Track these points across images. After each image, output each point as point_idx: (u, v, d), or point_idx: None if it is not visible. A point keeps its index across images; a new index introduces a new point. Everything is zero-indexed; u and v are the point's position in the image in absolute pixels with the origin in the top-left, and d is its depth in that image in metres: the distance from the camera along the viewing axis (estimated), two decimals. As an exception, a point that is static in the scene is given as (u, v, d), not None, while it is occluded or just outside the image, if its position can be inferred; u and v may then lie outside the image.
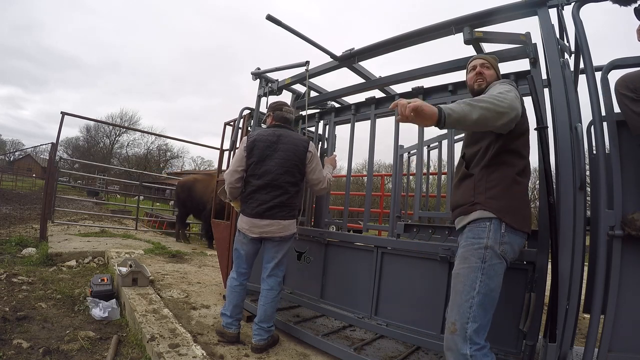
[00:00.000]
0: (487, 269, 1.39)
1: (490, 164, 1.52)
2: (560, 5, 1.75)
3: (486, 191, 1.49)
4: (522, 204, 1.50)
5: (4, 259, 4.12)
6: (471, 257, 1.43)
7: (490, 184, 1.49)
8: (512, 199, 1.47)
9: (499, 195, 1.46)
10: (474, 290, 1.38)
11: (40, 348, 2.07)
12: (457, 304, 1.40)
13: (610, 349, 1.48)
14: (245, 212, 2.31)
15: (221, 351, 2.18)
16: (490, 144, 1.52)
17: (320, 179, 2.36)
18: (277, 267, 2.32)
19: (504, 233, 1.43)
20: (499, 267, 1.42)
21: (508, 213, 1.45)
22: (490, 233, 1.43)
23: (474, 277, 1.39)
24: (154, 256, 4.93)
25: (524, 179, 1.53)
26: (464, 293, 1.39)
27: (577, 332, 1.94)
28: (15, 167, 31.72)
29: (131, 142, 37.27)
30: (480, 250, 1.42)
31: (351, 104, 3.02)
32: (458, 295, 1.41)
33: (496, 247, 1.41)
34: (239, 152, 2.36)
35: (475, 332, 1.35)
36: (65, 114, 5.92)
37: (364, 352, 2.08)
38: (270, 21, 2.33)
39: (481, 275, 1.39)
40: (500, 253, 1.41)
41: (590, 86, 1.60)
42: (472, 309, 1.36)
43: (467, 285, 1.40)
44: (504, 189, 1.47)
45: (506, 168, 1.49)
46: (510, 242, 1.44)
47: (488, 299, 1.39)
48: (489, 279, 1.39)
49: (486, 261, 1.40)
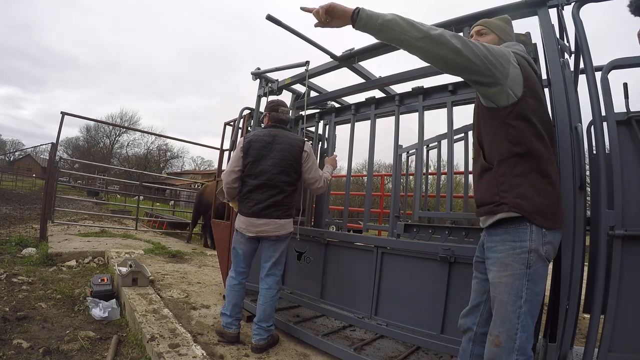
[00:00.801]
0: (533, 274, 1.27)
1: (513, 154, 1.32)
2: (560, 5, 1.74)
3: (512, 188, 1.31)
4: (554, 199, 1.33)
5: (4, 259, 4.12)
6: (514, 263, 1.28)
7: (516, 180, 1.31)
8: (544, 195, 1.30)
9: (528, 194, 1.29)
10: (520, 300, 1.26)
11: (40, 348, 2.07)
12: (502, 316, 1.29)
13: (610, 349, 1.48)
14: (242, 212, 2.33)
15: (221, 351, 2.18)
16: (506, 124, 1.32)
17: (317, 178, 2.38)
18: (275, 266, 2.33)
19: (545, 232, 1.28)
20: (544, 269, 1.30)
21: (540, 213, 1.28)
22: (532, 235, 1.28)
23: (519, 285, 1.26)
24: (154, 256, 4.93)
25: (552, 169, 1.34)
26: (510, 304, 1.27)
27: (577, 332, 1.94)
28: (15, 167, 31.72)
29: (131, 142, 37.33)
30: (523, 254, 1.27)
31: (351, 104, 3.02)
32: (502, 307, 1.29)
33: (540, 250, 1.27)
34: (235, 153, 2.39)
35: (526, 341, 1.26)
36: (65, 114, 5.91)
37: (364, 352, 2.08)
38: (270, 21, 2.33)
39: (527, 282, 1.26)
40: (544, 255, 1.28)
41: (590, 86, 1.60)
42: (520, 319, 1.26)
43: (512, 294, 1.27)
44: (533, 185, 1.30)
45: (531, 158, 1.31)
46: (551, 240, 1.31)
47: (535, 304, 1.28)
48: (535, 285, 1.27)
49: (531, 266, 1.26)
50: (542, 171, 1.30)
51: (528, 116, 1.30)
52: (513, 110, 1.30)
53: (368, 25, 1.23)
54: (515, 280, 1.27)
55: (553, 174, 1.33)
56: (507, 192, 1.31)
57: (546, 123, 1.36)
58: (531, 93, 1.31)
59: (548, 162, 1.32)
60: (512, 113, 1.30)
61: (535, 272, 1.27)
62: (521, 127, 1.30)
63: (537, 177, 1.30)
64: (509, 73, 1.28)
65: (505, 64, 1.28)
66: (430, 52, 1.22)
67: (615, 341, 1.48)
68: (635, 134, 1.55)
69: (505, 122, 1.32)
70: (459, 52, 1.20)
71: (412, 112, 2.69)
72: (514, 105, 1.30)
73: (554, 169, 1.36)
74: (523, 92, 1.30)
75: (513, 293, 1.27)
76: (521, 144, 1.30)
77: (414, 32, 1.20)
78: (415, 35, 1.20)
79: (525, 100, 1.30)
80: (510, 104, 1.30)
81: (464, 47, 1.20)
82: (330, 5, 1.26)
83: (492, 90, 1.30)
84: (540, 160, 1.30)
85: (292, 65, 2.84)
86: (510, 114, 1.31)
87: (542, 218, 1.28)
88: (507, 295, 1.28)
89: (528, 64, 1.40)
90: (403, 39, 1.22)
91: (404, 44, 1.23)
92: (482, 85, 1.31)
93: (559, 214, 1.34)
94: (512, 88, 1.29)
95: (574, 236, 1.53)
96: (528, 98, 1.30)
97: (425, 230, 2.34)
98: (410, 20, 1.22)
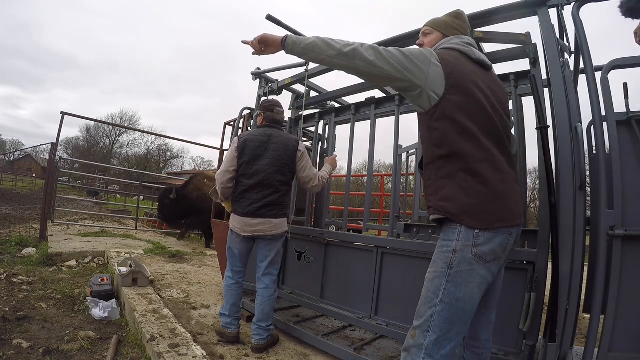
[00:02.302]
0: (454, 276, 1.22)
1: (437, 157, 1.30)
2: (560, 5, 1.74)
3: (436, 192, 1.30)
4: (488, 198, 1.24)
5: (4, 259, 4.12)
6: (438, 260, 1.28)
7: (441, 182, 1.29)
8: (473, 195, 1.23)
9: (454, 195, 1.25)
10: (436, 298, 1.23)
11: (40, 348, 2.07)
12: (419, 312, 1.28)
13: (610, 349, 1.48)
14: (237, 212, 2.33)
15: (221, 351, 2.18)
16: (430, 128, 1.30)
17: (311, 177, 2.39)
18: (271, 265, 2.34)
19: (478, 233, 1.22)
20: (469, 274, 1.22)
21: (469, 214, 1.23)
22: (460, 235, 1.23)
23: (438, 283, 1.24)
24: (154, 256, 4.93)
25: (485, 167, 1.25)
26: (428, 300, 1.26)
27: (577, 332, 1.94)
28: (15, 167, 31.73)
29: (131, 142, 37.32)
30: (447, 254, 1.25)
31: (351, 104, 3.02)
32: (420, 301, 1.29)
33: (467, 251, 1.22)
34: (230, 153, 2.38)
35: (434, 343, 1.21)
36: (65, 114, 5.92)
37: (364, 352, 2.08)
38: (270, 21, 2.34)
39: (446, 282, 1.23)
40: (473, 257, 1.22)
41: (590, 86, 1.60)
42: (432, 319, 1.22)
43: (431, 291, 1.26)
44: (460, 186, 1.25)
45: (457, 159, 1.26)
46: (489, 241, 1.23)
47: (454, 309, 1.21)
48: (456, 287, 1.22)
49: (453, 267, 1.23)
50: (471, 171, 1.24)
51: (451, 115, 1.25)
52: (435, 111, 1.28)
53: (294, 50, 1.36)
54: (435, 278, 1.27)
55: (486, 172, 1.24)
56: (433, 195, 1.32)
57: (479, 117, 1.27)
58: (455, 89, 1.26)
59: (479, 160, 1.25)
60: (435, 115, 1.28)
61: (457, 274, 1.22)
62: (444, 128, 1.27)
63: (466, 177, 1.25)
64: (429, 74, 1.25)
65: (424, 66, 1.26)
66: (347, 67, 1.29)
67: (615, 341, 1.48)
68: (635, 134, 1.55)
69: (429, 125, 1.31)
70: (373, 63, 1.24)
71: (412, 112, 2.68)
72: (436, 107, 1.27)
73: (491, 165, 1.26)
74: (445, 90, 1.26)
75: (432, 290, 1.26)
76: (444, 145, 1.28)
77: (330, 51, 1.28)
78: (331, 53, 1.28)
79: (447, 99, 1.26)
80: (433, 106, 1.28)
81: (377, 58, 1.24)
82: (262, 36, 1.46)
83: (413, 94, 1.30)
84: (469, 160, 1.24)
85: (292, 65, 2.84)
86: (432, 117, 1.29)
87: (472, 219, 1.23)
88: (427, 291, 1.28)
89: (461, 55, 1.35)
90: (322, 58, 1.31)
91: (325, 62, 1.33)
92: (405, 91, 1.32)
93: (498, 213, 1.24)
94: (432, 89, 1.26)
95: (574, 236, 1.53)
96: (450, 95, 1.26)
97: (425, 230, 2.33)
98: (329, 40, 1.30)
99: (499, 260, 1.27)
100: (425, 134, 1.33)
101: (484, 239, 1.23)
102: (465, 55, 1.36)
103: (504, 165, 1.29)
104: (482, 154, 1.25)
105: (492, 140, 1.28)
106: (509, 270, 1.84)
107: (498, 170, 1.26)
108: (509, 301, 1.81)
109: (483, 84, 1.31)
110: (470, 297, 1.23)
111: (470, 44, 1.41)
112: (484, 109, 1.28)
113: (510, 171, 1.32)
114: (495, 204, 1.24)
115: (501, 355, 1.81)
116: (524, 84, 2.09)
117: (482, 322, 1.41)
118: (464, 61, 1.34)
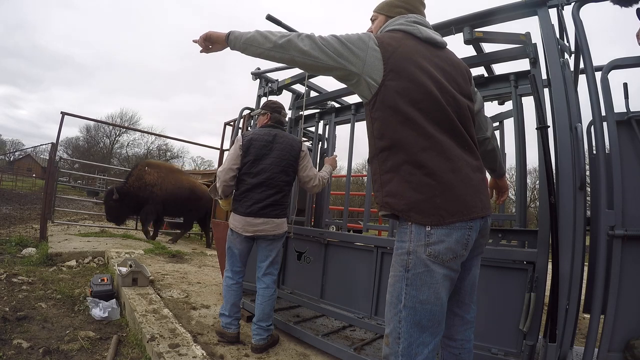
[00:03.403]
0: (412, 279, 1.13)
1: (380, 149, 1.21)
2: (560, 5, 1.75)
3: (382, 186, 1.21)
4: (437, 191, 1.12)
5: (4, 259, 4.12)
6: (396, 264, 1.19)
7: (386, 176, 1.20)
8: (420, 189, 1.13)
9: (399, 190, 1.16)
10: (400, 304, 1.15)
11: (40, 348, 2.07)
12: (388, 318, 1.20)
13: (610, 349, 1.48)
14: (239, 211, 2.31)
15: (221, 351, 2.18)
16: (372, 119, 1.22)
17: (311, 177, 2.40)
18: (272, 265, 2.34)
19: (430, 231, 1.11)
20: (428, 275, 1.12)
21: (417, 210, 1.12)
22: (412, 235, 1.13)
23: (399, 288, 1.16)
24: (154, 256, 4.93)
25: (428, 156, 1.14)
26: (392, 305, 1.18)
27: (577, 332, 1.94)
28: (15, 167, 31.74)
29: (131, 142, 37.24)
30: (403, 256, 1.16)
31: (351, 104, 3.02)
32: (387, 308, 1.21)
33: (420, 252, 1.12)
34: (234, 151, 2.35)
35: (407, 349, 1.13)
36: (65, 114, 5.92)
37: (364, 352, 2.08)
38: (270, 21, 2.34)
39: (405, 286, 1.14)
40: (427, 258, 1.11)
41: (590, 86, 1.61)
42: (401, 324, 1.14)
43: (394, 296, 1.17)
44: (405, 179, 1.15)
45: (399, 150, 1.16)
46: (441, 239, 1.11)
47: (420, 313, 1.12)
48: (417, 291, 1.12)
49: (409, 270, 1.14)
50: (415, 162, 1.14)
51: (391, 102, 1.16)
52: (376, 100, 1.19)
53: (236, 45, 1.33)
54: (395, 283, 1.19)
55: (431, 161, 1.13)
56: (379, 191, 1.23)
57: (423, 101, 1.16)
58: (394, 74, 1.17)
59: (422, 149, 1.14)
60: (375, 104, 1.20)
61: (415, 277, 1.13)
62: (384, 117, 1.18)
63: (410, 169, 1.14)
64: (366, 60, 1.17)
65: (360, 52, 1.18)
66: (283, 58, 1.26)
67: (615, 341, 1.48)
68: (635, 134, 1.55)
69: (370, 116, 1.23)
70: (307, 53, 1.20)
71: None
72: (376, 95, 1.19)
73: (437, 154, 1.14)
74: (383, 75, 1.17)
75: (394, 295, 1.18)
76: (384, 136, 1.19)
77: (267, 44, 1.26)
78: (268, 46, 1.26)
79: (386, 85, 1.17)
80: (373, 94, 1.19)
81: (311, 48, 1.20)
82: (207, 34, 1.43)
83: (352, 82, 1.23)
84: (411, 150, 1.14)
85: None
86: (373, 106, 1.20)
87: (420, 215, 1.12)
88: (390, 296, 1.20)
89: (406, 35, 1.26)
90: (261, 52, 1.29)
91: (263, 55, 1.30)
92: (345, 81, 1.26)
93: (450, 206, 1.12)
94: (370, 75, 1.18)
95: (574, 236, 1.54)
96: (389, 81, 1.16)
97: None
98: (266, 33, 1.28)
99: (460, 258, 1.16)
100: (368, 125, 1.25)
101: (437, 236, 1.11)
102: (411, 35, 1.26)
103: (455, 151, 1.17)
104: (425, 142, 1.14)
105: (439, 125, 1.17)
106: (509, 270, 1.85)
107: (446, 158, 1.14)
108: (509, 301, 1.81)
109: (430, 65, 1.21)
110: (435, 298, 1.13)
111: (417, 22, 1.30)
112: (428, 92, 1.16)
113: (467, 158, 1.20)
114: (443, 196, 1.12)
115: (501, 355, 1.81)
116: (524, 84, 2.09)
117: (455, 322, 1.31)
118: (409, 42, 1.23)
